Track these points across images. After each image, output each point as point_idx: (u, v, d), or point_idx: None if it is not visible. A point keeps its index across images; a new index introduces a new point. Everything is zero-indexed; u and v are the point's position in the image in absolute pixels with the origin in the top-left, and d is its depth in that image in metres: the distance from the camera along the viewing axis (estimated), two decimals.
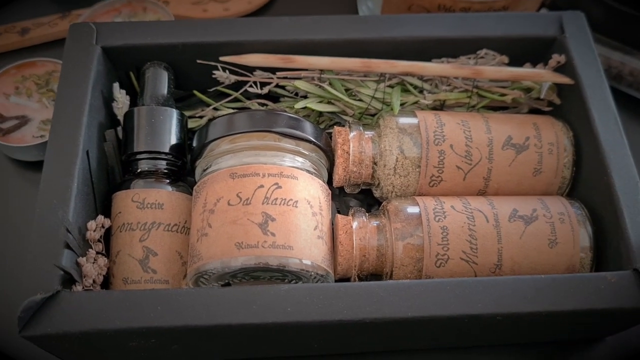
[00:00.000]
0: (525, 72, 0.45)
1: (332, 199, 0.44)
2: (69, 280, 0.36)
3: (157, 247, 0.40)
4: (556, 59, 0.46)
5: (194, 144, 0.42)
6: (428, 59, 0.46)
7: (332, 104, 0.46)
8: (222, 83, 0.46)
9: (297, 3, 0.61)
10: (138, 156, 0.42)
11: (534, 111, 0.48)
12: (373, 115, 0.46)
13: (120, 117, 0.44)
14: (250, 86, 0.46)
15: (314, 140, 0.40)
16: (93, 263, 0.38)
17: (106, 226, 0.40)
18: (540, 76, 0.45)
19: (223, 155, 0.40)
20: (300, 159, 0.40)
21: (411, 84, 0.46)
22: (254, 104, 0.47)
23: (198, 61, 0.45)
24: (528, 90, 0.47)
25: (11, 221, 0.48)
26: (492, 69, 0.45)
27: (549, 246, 0.39)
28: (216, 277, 0.38)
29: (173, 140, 0.42)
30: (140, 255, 0.39)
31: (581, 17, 0.47)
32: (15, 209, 0.48)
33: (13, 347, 0.42)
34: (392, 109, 0.44)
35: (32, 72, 0.52)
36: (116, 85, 0.45)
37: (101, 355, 0.39)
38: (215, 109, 0.47)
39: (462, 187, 0.43)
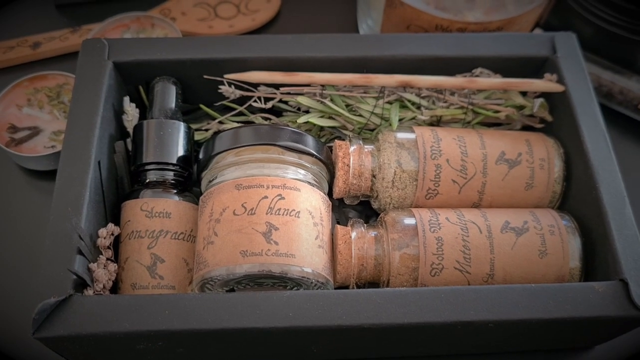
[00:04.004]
0: (517, 81, 0.47)
1: (332, 210, 0.46)
2: (80, 285, 0.38)
3: (165, 254, 0.41)
4: (548, 77, 0.48)
5: (201, 156, 0.43)
6: None
7: (333, 119, 0.47)
8: (228, 98, 0.48)
9: (300, 21, 0.62)
10: (147, 167, 0.43)
11: (526, 128, 0.50)
12: (372, 130, 0.48)
13: (130, 130, 0.46)
14: (255, 101, 0.48)
15: (315, 153, 0.42)
16: (103, 269, 0.39)
17: (116, 234, 0.41)
18: (532, 84, 0.47)
19: (228, 167, 0.41)
20: (303, 172, 0.42)
21: (409, 101, 0.48)
22: (258, 118, 0.49)
23: (204, 76, 0.47)
24: (521, 107, 0.49)
25: (22, 227, 0.49)
26: (486, 79, 0.47)
27: (539, 257, 0.41)
28: (221, 283, 0.39)
29: (180, 152, 0.44)
30: (148, 262, 0.41)
31: (572, 38, 0.49)
32: (26, 215, 0.50)
33: (26, 350, 0.43)
34: (390, 125, 0.46)
35: (43, 84, 0.53)
36: (126, 98, 0.47)
37: (110, 357, 0.40)
38: (220, 122, 0.49)
39: (457, 200, 0.44)
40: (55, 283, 0.36)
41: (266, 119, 0.49)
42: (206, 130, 0.49)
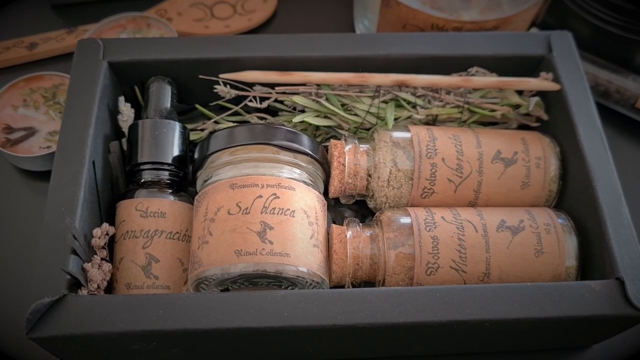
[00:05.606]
0: (513, 80, 0.47)
1: (328, 209, 0.46)
2: (75, 285, 0.38)
3: (159, 254, 0.41)
4: (544, 76, 0.47)
5: (196, 156, 0.43)
6: None
7: (329, 118, 0.47)
8: (223, 97, 0.48)
9: (296, 21, 0.62)
10: (142, 167, 0.43)
11: (522, 127, 0.50)
12: (368, 130, 0.48)
13: (125, 130, 0.46)
14: (250, 101, 0.48)
15: (310, 152, 0.42)
16: (98, 269, 0.39)
17: (110, 234, 0.41)
18: (527, 83, 0.47)
19: (223, 167, 0.41)
20: (298, 171, 0.42)
21: (404, 100, 0.48)
22: (253, 118, 0.49)
23: (200, 76, 0.47)
24: (517, 106, 0.48)
25: (18, 227, 0.49)
26: (482, 78, 0.47)
27: (535, 255, 0.41)
28: (216, 282, 0.39)
29: (175, 152, 0.44)
30: (143, 262, 0.41)
31: (568, 37, 0.49)
32: (22, 216, 0.50)
33: (21, 349, 0.43)
34: (386, 124, 0.46)
35: (39, 85, 0.53)
36: (121, 98, 0.47)
37: (104, 357, 0.40)
38: (216, 122, 0.49)
39: (453, 199, 0.44)
40: (49, 283, 0.36)
41: (262, 118, 0.49)
42: (202, 130, 0.49)
